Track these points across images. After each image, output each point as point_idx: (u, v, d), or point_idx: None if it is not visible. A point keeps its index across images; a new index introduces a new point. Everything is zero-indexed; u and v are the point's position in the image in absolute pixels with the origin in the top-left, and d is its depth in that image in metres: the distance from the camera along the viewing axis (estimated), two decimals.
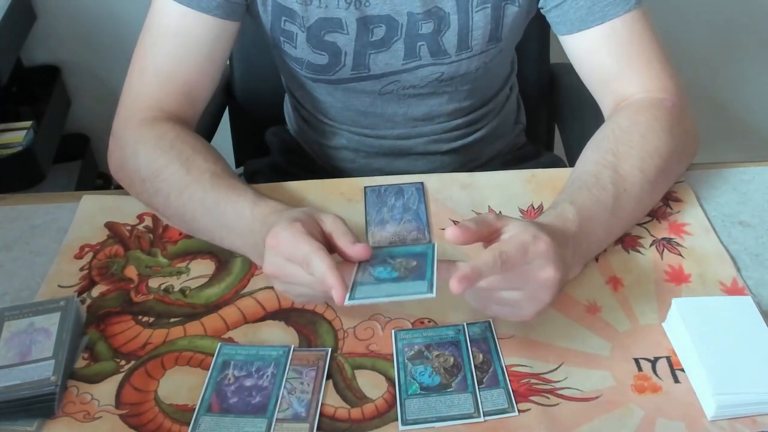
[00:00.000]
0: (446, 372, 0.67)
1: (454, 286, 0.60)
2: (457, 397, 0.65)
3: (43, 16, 1.76)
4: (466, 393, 0.65)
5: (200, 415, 0.64)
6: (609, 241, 0.78)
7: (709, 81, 1.99)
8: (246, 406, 0.65)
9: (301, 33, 0.89)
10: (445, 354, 0.68)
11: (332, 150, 1.07)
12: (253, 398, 0.65)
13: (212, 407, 0.65)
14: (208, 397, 0.66)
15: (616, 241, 0.80)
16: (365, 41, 0.90)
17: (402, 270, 0.64)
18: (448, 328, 0.71)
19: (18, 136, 1.62)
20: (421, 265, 0.64)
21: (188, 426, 0.63)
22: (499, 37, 0.91)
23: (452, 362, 0.68)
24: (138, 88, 0.87)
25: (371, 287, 0.63)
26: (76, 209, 0.86)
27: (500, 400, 0.65)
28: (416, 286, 0.62)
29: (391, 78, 0.94)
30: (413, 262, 0.65)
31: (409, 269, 0.64)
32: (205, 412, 0.64)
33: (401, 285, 0.63)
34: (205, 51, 0.87)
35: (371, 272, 0.65)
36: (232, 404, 0.65)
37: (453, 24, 0.88)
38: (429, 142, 1.04)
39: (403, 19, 0.88)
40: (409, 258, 0.66)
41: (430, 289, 0.61)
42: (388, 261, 0.65)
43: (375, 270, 0.65)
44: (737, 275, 0.76)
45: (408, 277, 0.63)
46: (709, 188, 0.87)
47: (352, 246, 0.65)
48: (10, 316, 0.70)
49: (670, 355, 0.68)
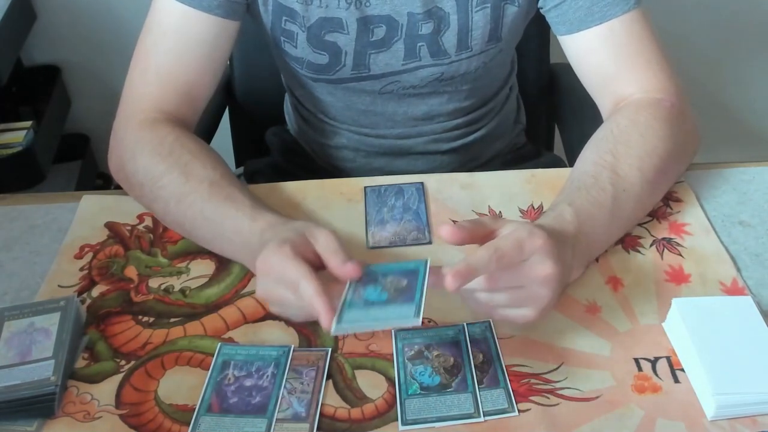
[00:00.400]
0: (446, 372, 0.67)
1: (449, 282, 0.60)
2: (457, 397, 0.65)
3: (43, 16, 1.76)
4: (466, 393, 0.65)
5: (200, 415, 0.64)
6: (609, 242, 0.78)
7: (710, 81, 1.99)
8: (246, 406, 0.65)
9: (301, 33, 0.89)
10: (445, 354, 0.68)
11: (332, 149, 1.07)
12: (253, 398, 0.65)
13: (212, 407, 0.65)
14: (208, 397, 0.66)
15: (616, 241, 0.80)
16: (365, 41, 0.90)
17: (392, 291, 0.64)
18: (448, 328, 0.71)
19: (18, 136, 1.62)
20: (412, 286, 0.64)
21: (188, 426, 0.63)
22: (498, 37, 0.91)
23: (452, 362, 0.68)
24: (139, 88, 0.87)
25: (359, 312, 0.63)
26: (76, 209, 0.86)
27: (500, 400, 0.65)
28: (403, 310, 0.62)
29: (391, 78, 0.94)
30: (404, 282, 0.65)
31: (399, 290, 0.64)
32: (205, 412, 0.64)
33: (388, 309, 0.63)
34: (206, 50, 0.86)
35: (361, 293, 0.65)
36: (232, 404, 0.65)
37: (453, 24, 0.88)
38: (429, 141, 1.04)
39: (403, 19, 0.88)
40: (401, 277, 0.65)
41: (417, 314, 0.61)
42: (379, 280, 0.65)
43: (365, 290, 0.65)
44: (737, 275, 0.76)
45: (397, 299, 0.63)
46: (709, 188, 0.87)
47: (343, 266, 0.65)
48: (10, 316, 0.70)
49: (670, 355, 0.68)
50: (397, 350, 0.69)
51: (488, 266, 0.62)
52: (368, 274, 0.66)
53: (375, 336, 0.71)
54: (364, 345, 0.70)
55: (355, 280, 0.65)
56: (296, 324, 0.72)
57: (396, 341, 0.70)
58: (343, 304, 0.63)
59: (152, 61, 0.87)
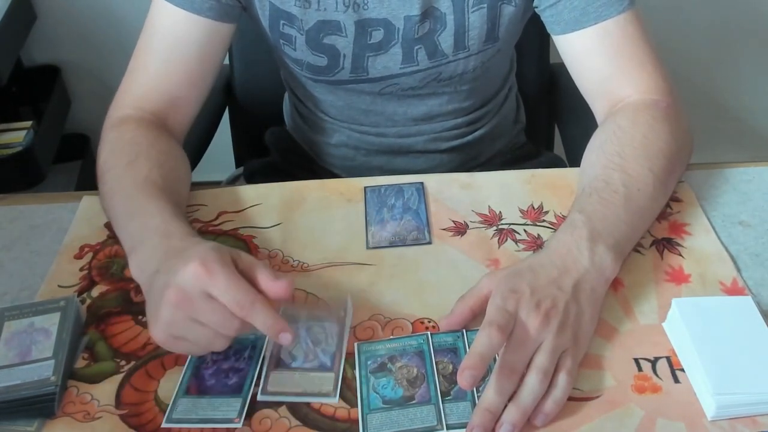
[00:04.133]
0: (409, 384, 0.66)
1: (463, 383, 0.59)
2: (419, 410, 0.63)
3: (43, 16, 1.76)
4: (429, 405, 0.64)
5: (178, 398, 0.65)
6: (634, 235, 0.75)
7: (710, 81, 1.99)
8: (222, 387, 0.65)
9: (299, 36, 0.90)
10: (409, 365, 0.67)
11: (332, 147, 1.07)
12: (230, 379, 0.66)
13: (190, 390, 0.66)
14: (186, 380, 0.66)
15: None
16: (363, 44, 0.90)
17: (310, 355, 0.67)
18: (411, 337, 0.70)
19: (18, 136, 1.62)
20: (330, 345, 0.68)
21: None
22: (496, 37, 0.91)
23: (416, 373, 0.66)
24: (124, 86, 0.88)
25: (286, 375, 0.66)
26: (76, 209, 0.86)
27: (466, 413, 0.63)
28: (323, 381, 0.65)
29: (389, 81, 0.94)
30: (322, 334, 0.68)
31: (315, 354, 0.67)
32: (183, 395, 0.65)
33: (310, 378, 0.66)
34: (194, 53, 0.86)
35: (289, 352, 0.67)
36: (209, 386, 0.66)
37: (449, 24, 0.88)
38: (429, 140, 1.04)
39: (399, 23, 0.88)
40: (320, 329, 0.69)
41: (335, 391, 0.64)
42: (301, 339, 0.68)
43: (292, 351, 0.67)
44: (737, 275, 0.76)
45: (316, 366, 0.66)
46: (709, 188, 0.87)
47: (273, 282, 0.61)
48: (10, 316, 0.70)
49: (670, 355, 0.68)
50: (360, 363, 0.68)
51: (493, 345, 0.60)
52: (291, 320, 0.69)
53: (375, 336, 0.71)
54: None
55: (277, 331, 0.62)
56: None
57: (358, 355, 0.69)
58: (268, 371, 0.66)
59: (141, 60, 0.87)
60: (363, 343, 0.70)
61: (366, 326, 0.72)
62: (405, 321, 0.72)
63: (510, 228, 0.82)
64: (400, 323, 0.72)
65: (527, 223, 0.83)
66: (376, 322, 0.72)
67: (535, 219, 0.83)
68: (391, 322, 0.72)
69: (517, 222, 0.83)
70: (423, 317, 0.72)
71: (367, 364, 0.68)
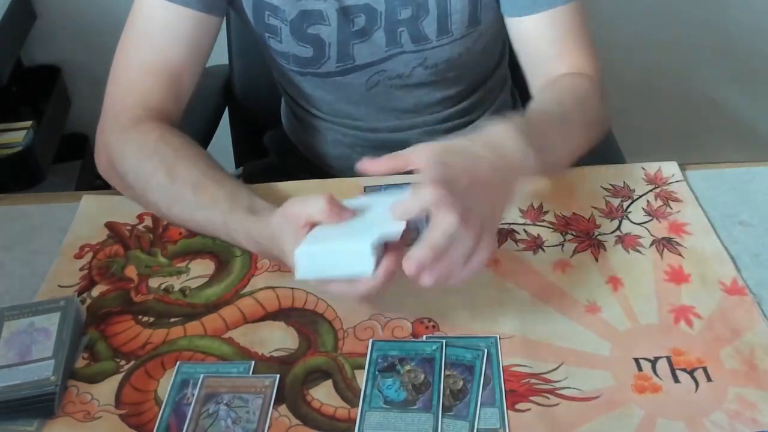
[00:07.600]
0: (414, 389, 0.65)
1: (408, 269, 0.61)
2: (418, 417, 0.63)
3: (43, 16, 1.76)
4: (429, 414, 0.63)
5: None
6: (563, 151, 0.79)
7: (710, 81, 1.99)
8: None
9: (284, 26, 0.91)
10: (416, 370, 0.67)
11: (328, 147, 1.07)
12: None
13: (170, 429, 0.63)
14: (166, 418, 0.64)
15: (616, 241, 0.80)
16: (347, 32, 0.91)
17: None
18: (426, 343, 0.69)
19: (18, 136, 1.62)
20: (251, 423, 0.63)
21: None
22: (478, 20, 0.92)
23: (422, 379, 0.66)
24: (124, 85, 0.88)
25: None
26: (76, 209, 0.86)
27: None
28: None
29: (376, 68, 0.95)
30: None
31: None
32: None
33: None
34: (187, 44, 0.87)
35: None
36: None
37: (432, 9, 0.90)
38: (423, 133, 1.04)
39: (381, 6, 0.90)
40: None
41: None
42: (220, 416, 0.64)
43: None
44: (737, 275, 0.76)
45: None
46: (709, 188, 0.87)
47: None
48: (10, 316, 0.71)
49: (671, 355, 0.68)
50: (370, 360, 0.68)
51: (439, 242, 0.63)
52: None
53: (375, 336, 0.71)
54: (364, 345, 0.70)
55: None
56: (296, 324, 0.72)
57: (371, 351, 0.69)
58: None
59: (136, 56, 0.87)
60: (378, 340, 0.70)
61: (366, 326, 0.72)
62: (405, 321, 0.72)
63: (510, 228, 0.82)
64: (400, 323, 0.72)
65: (527, 222, 0.83)
66: (376, 322, 0.72)
67: (534, 219, 0.83)
68: (391, 322, 0.72)
69: (516, 222, 0.83)
70: (423, 317, 0.72)
71: (377, 361, 0.68)
